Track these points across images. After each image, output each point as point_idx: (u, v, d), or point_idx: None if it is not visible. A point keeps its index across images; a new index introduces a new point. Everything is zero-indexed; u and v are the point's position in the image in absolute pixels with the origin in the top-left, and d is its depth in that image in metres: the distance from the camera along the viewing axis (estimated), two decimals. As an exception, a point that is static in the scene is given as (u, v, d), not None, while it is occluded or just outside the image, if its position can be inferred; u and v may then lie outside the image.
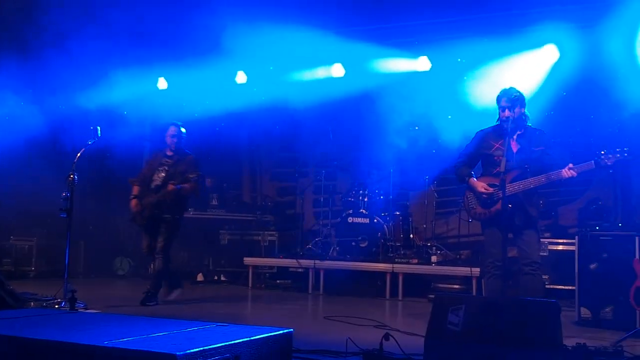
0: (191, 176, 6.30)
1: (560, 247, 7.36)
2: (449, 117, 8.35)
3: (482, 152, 4.84)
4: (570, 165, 4.47)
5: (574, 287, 5.87)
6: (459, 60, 8.25)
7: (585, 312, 5.60)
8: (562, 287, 7.18)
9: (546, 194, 8.07)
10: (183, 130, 6.65)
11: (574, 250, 5.89)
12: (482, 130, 4.94)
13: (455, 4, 7.73)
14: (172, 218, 6.39)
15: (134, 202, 6.41)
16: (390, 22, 8.43)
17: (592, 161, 4.45)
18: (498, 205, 4.59)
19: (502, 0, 7.54)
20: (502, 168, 4.35)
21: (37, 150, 8.85)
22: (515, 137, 4.70)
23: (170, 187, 6.20)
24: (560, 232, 7.81)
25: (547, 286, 7.26)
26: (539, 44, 7.84)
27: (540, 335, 3.28)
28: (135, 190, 6.49)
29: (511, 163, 4.58)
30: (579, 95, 7.73)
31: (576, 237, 5.80)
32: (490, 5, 7.63)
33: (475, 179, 4.84)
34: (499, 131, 4.74)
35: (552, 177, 4.48)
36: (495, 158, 4.69)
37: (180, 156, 6.56)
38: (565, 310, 5.31)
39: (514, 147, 4.68)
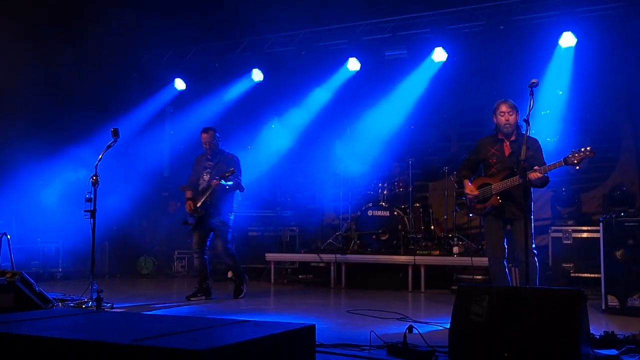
0: (228, 174, 6.50)
1: (585, 235, 7.28)
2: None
3: (481, 156, 5.40)
4: (536, 167, 4.90)
5: (599, 275, 5.77)
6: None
7: (612, 300, 5.51)
8: (588, 275, 7.12)
9: (568, 180, 7.99)
10: (216, 133, 6.88)
11: (598, 237, 5.79)
12: (482, 138, 5.51)
13: None
14: (222, 218, 6.70)
15: (189, 204, 6.70)
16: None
17: (562, 159, 4.82)
18: (492, 201, 5.15)
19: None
20: (495, 170, 5.18)
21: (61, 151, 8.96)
22: (508, 142, 5.23)
23: (214, 182, 6.49)
24: (584, 220, 7.72)
25: (572, 274, 7.22)
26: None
27: (565, 324, 3.23)
28: (189, 194, 6.82)
29: (503, 164, 5.17)
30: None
31: (601, 223, 5.68)
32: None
33: (469, 181, 5.36)
34: (495, 137, 5.33)
35: (527, 177, 4.81)
36: (490, 161, 5.29)
37: (221, 157, 6.84)
38: (591, 298, 5.28)
39: (507, 151, 5.23)
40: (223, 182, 6.52)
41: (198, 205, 6.60)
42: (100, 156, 5.93)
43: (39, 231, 9.39)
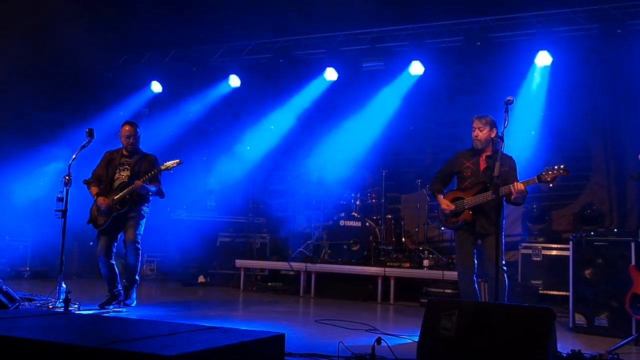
0: (152, 174, 6.01)
1: (554, 252, 7.39)
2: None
3: (456, 169, 5.41)
4: (516, 183, 4.93)
5: (568, 293, 5.83)
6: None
7: (579, 319, 5.55)
8: (556, 292, 7.19)
9: (539, 197, 8.13)
10: (138, 129, 6.36)
11: (568, 255, 5.86)
12: (459, 150, 5.52)
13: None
14: (139, 208, 6.16)
15: (101, 199, 6.06)
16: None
17: (535, 177, 4.87)
18: (464, 215, 5.19)
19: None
20: (468, 183, 5.21)
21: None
22: (484, 156, 5.27)
23: (139, 182, 5.95)
24: (554, 237, 7.84)
25: (540, 291, 7.31)
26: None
27: (533, 341, 3.28)
28: (95, 189, 6.20)
29: (477, 179, 5.22)
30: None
31: (570, 242, 5.75)
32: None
33: (442, 195, 5.39)
34: (472, 151, 5.35)
35: (501, 192, 4.86)
36: (464, 174, 5.31)
37: (141, 155, 6.31)
38: (559, 316, 5.35)
39: (482, 166, 5.26)
40: (147, 185, 6.02)
41: (116, 199, 6.00)
42: (74, 156, 5.82)
43: (8, 229, 9.20)
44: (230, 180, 9.79)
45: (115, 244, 6.24)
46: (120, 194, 6.04)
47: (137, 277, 6.25)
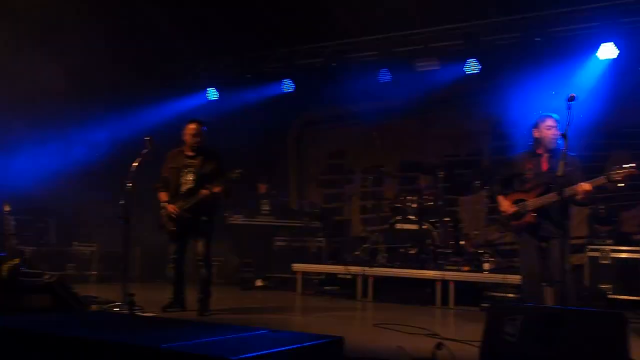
0: (219, 182, 5.97)
1: (624, 255, 7.06)
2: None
3: (516, 171, 5.31)
4: (581, 182, 4.79)
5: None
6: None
7: (654, 325, 5.29)
8: (627, 297, 6.86)
9: (607, 198, 7.80)
10: (203, 127, 6.26)
11: (639, 258, 5.59)
12: (518, 152, 5.46)
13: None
14: (209, 220, 6.16)
15: (171, 207, 6.09)
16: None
17: (603, 176, 4.69)
18: (527, 218, 5.04)
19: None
20: (530, 185, 5.07)
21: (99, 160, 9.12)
22: (546, 157, 5.16)
23: (204, 192, 5.95)
24: (623, 239, 7.49)
25: (610, 296, 6.99)
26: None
27: (604, 349, 3.12)
28: (164, 196, 6.21)
29: (539, 180, 5.08)
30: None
31: (642, 243, 5.51)
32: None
33: (503, 196, 5.26)
34: (533, 152, 5.24)
35: (565, 194, 4.68)
36: (526, 176, 5.18)
37: (205, 154, 6.21)
38: (631, 322, 5.08)
39: (544, 166, 5.15)
40: (214, 190, 5.94)
41: (185, 207, 6.03)
42: (134, 163, 5.90)
43: (76, 235, 9.62)
44: (284, 184, 9.87)
45: (186, 249, 6.31)
46: (189, 202, 6.06)
47: (210, 289, 6.23)
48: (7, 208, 6.79)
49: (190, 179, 6.16)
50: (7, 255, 6.16)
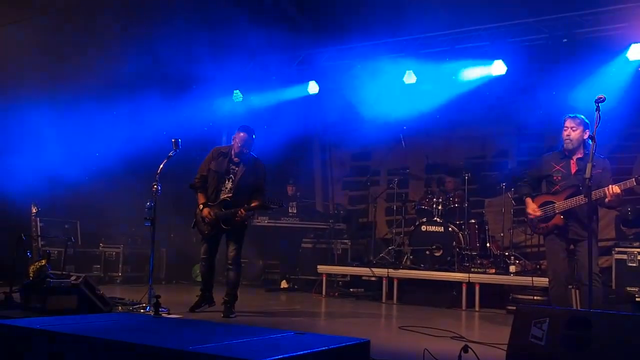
0: (255, 204, 6.00)
1: (652, 258, 6.93)
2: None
3: (544, 173, 5.24)
4: (611, 185, 4.75)
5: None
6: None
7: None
8: (658, 300, 6.74)
9: (635, 200, 7.67)
10: (254, 135, 6.24)
11: (667, 261, 5.49)
12: (546, 154, 5.39)
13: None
14: (241, 225, 6.17)
15: (206, 211, 6.11)
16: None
17: (634, 178, 4.65)
18: (555, 220, 4.99)
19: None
20: (559, 187, 5.04)
21: (125, 163, 9.25)
22: (575, 159, 5.09)
23: (242, 213, 5.95)
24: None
25: (637, 299, 6.87)
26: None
27: (632, 352, 3.08)
28: (202, 198, 6.22)
29: (568, 182, 5.03)
30: None
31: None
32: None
33: (531, 198, 5.23)
34: (562, 154, 5.18)
35: (594, 196, 4.66)
36: (554, 178, 5.13)
37: (250, 163, 6.19)
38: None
39: (573, 169, 5.08)
40: (251, 206, 6.00)
41: (220, 216, 6.06)
42: (160, 165, 6.01)
43: (102, 237, 9.78)
44: (309, 186, 9.88)
45: (217, 250, 6.39)
46: (225, 214, 6.06)
47: (237, 293, 6.25)
48: (34, 210, 6.94)
49: (229, 187, 6.15)
50: (33, 256, 6.33)
